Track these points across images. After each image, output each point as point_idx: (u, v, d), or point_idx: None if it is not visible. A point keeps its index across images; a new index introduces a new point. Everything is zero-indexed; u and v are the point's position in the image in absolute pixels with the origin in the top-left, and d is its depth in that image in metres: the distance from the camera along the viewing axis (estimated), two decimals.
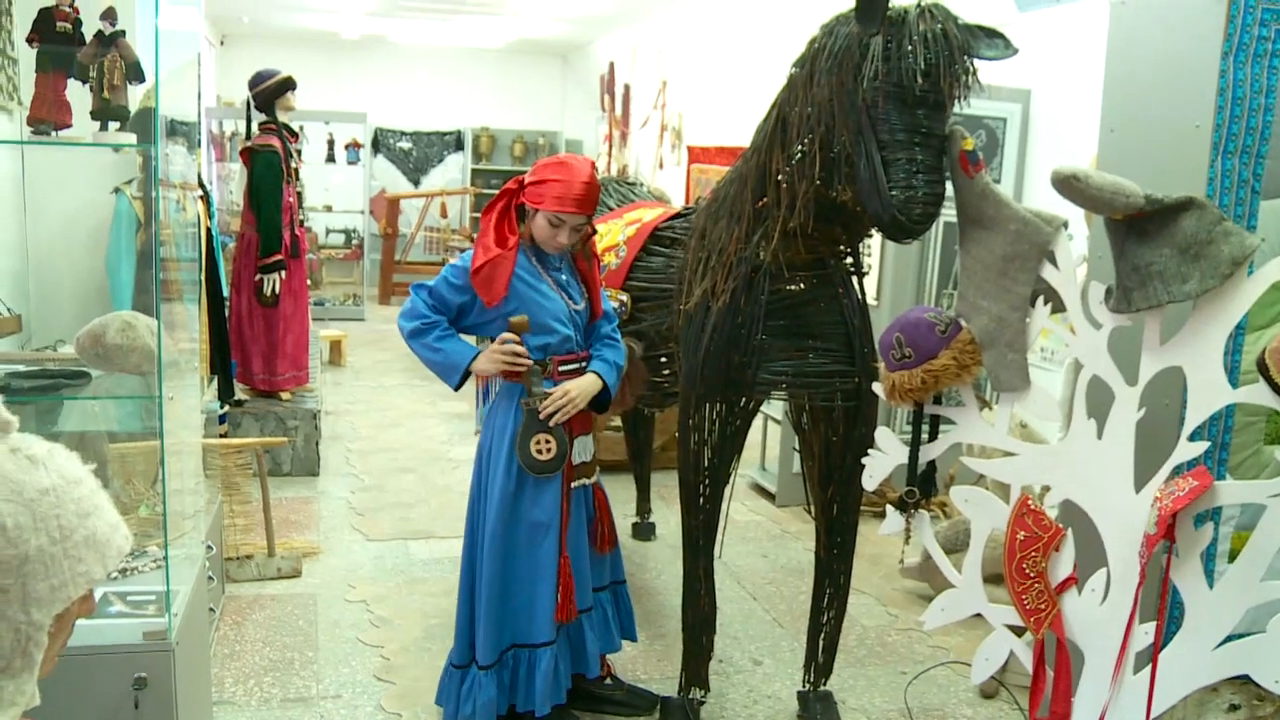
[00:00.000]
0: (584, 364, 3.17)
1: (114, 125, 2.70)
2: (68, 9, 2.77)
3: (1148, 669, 2.20)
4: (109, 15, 2.70)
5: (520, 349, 3.00)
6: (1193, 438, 2.20)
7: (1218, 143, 2.40)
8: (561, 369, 3.12)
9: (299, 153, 6.48)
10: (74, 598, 1.11)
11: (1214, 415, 2.25)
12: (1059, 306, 2.37)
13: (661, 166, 10.42)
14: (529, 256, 3.11)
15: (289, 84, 6.09)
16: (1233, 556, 2.37)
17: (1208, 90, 2.40)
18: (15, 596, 1.04)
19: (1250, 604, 2.15)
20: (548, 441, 3.03)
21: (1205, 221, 2.11)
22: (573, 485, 3.17)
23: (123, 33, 2.71)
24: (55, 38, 2.77)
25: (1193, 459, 2.21)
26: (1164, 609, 2.25)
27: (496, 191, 3.15)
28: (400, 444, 6.57)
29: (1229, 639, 2.18)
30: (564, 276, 3.17)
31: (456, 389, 3.16)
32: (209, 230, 5.02)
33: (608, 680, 3.50)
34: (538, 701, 3.12)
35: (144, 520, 3.15)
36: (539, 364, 3.06)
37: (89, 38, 2.73)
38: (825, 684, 3.49)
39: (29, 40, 2.79)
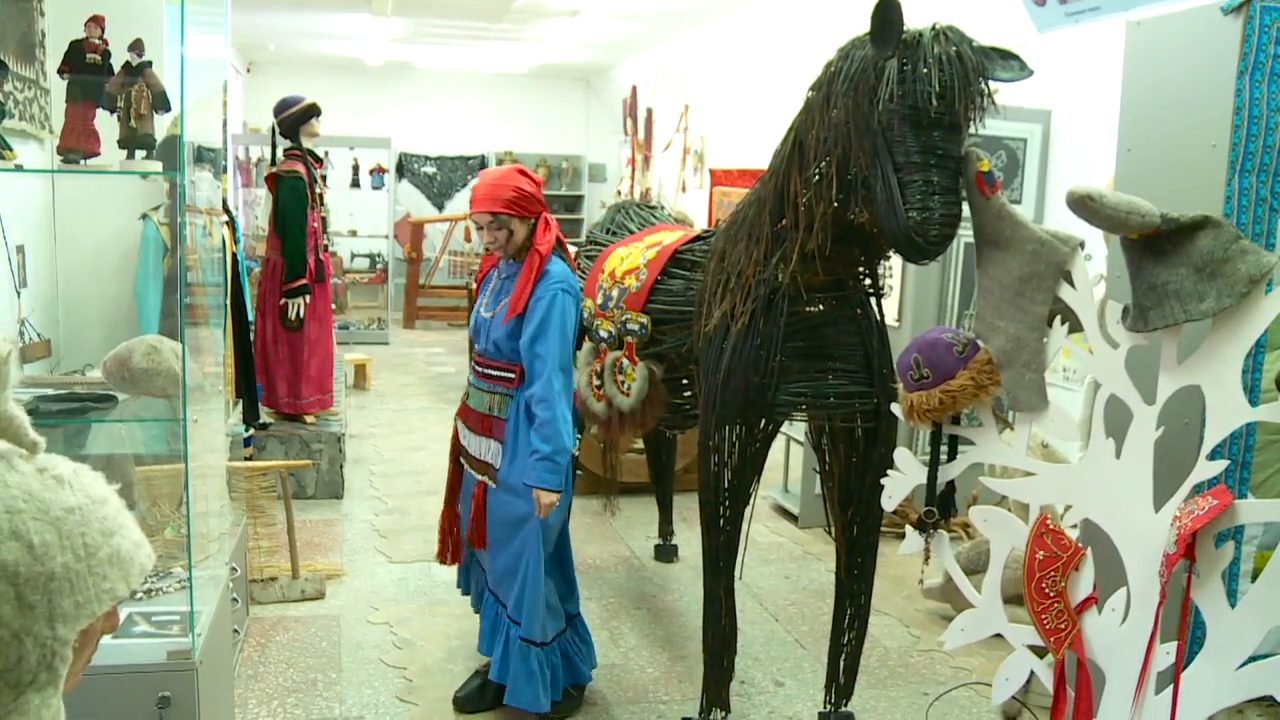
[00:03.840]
0: (501, 374, 3.37)
1: (140, 153, 2.75)
2: (97, 41, 2.82)
3: (1169, 689, 2.19)
4: (136, 46, 2.75)
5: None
6: (1212, 456, 2.19)
7: (1234, 161, 2.40)
8: (472, 363, 3.54)
9: (324, 178, 6.55)
10: (98, 614, 1.12)
11: (1234, 434, 2.24)
12: (1076, 326, 2.37)
13: (684, 189, 10.46)
14: (500, 264, 3.50)
15: (314, 110, 6.16)
16: (1255, 576, 2.35)
17: (1224, 109, 2.40)
18: (41, 612, 1.06)
19: (1274, 624, 2.13)
20: None
21: (1222, 240, 2.11)
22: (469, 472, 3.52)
23: (149, 63, 2.76)
24: (85, 68, 2.82)
25: (1213, 478, 2.20)
26: (1185, 629, 2.23)
27: None
28: (424, 467, 6.60)
29: (1252, 659, 2.16)
30: (500, 285, 3.43)
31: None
32: (234, 255, 5.08)
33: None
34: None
35: (169, 542, 3.18)
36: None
37: (117, 68, 2.79)
38: (847, 705, 3.48)
39: (60, 72, 2.85)
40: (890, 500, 2.68)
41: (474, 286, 3.60)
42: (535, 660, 3.36)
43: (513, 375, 3.32)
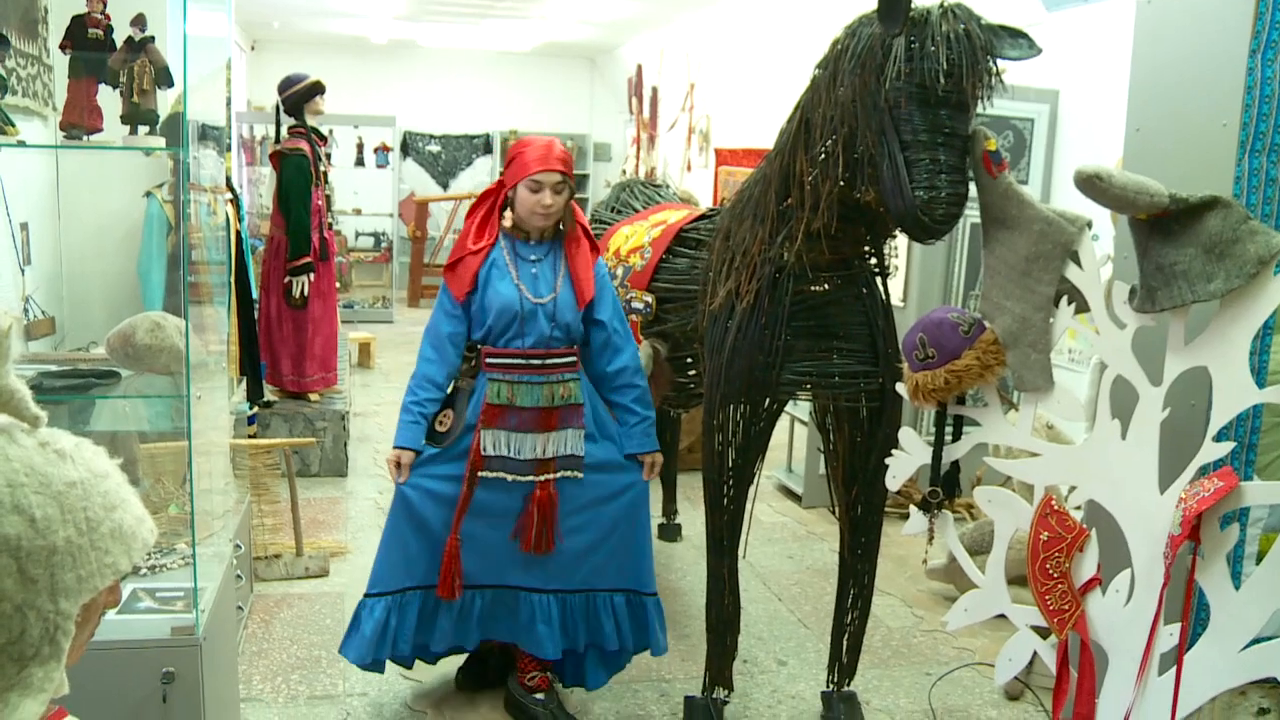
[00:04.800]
0: (565, 360, 3.22)
1: (143, 129, 2.74)
2: (99, 16, 2.81)
3: (1172, 671, 2.19)
4: (138, 21, 2.74)
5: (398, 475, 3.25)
6: (1218, 438, 2.18)
7: (1245, 141, 2.38)
8: (500, 361, 3.19)
9: (328, 156, 6.54)
10: (100, 588, 1.13)
11: (1240, 415, 2.24)
12: (1083, 306, 2.35)
13: (689, 169, 10.43)
14: (505, 250, 3.22)
15: (318, 88, 6.15)
16: (1260, 558, 2.35)
17: (1235, 88, 2.38)
18: (44, 586, 1.07)
19: (1278, 606, 2.13)
20: (447, 416, 3.29)
21: (1231, 220, 2.09)
22: (485, 475, 3.20)
23: (152, 38, 2.75)
24: (87, 44, 2.81)
25: (1218, 459, 2.19)
26: (1189, 610, 2.23)
27: None
28: None
29: (1256, 641, 2.16)
30: (535, 270, 3.20)
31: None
32: (239, 233, 5.08)
33: (538, 694, 3.42)
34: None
35: (173, 519, 3.18)
36: (469, 350, 3.27)
37: (119, 44, 2.77)
38: (849, 685, 3.48)
39: (62, 47, 2.84)
40: (894, 480, 2.68)
41: (466, 278, 3.18)
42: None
43: (575, 357, 3.24)
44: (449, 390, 3.30)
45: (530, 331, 3.16)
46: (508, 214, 3.24)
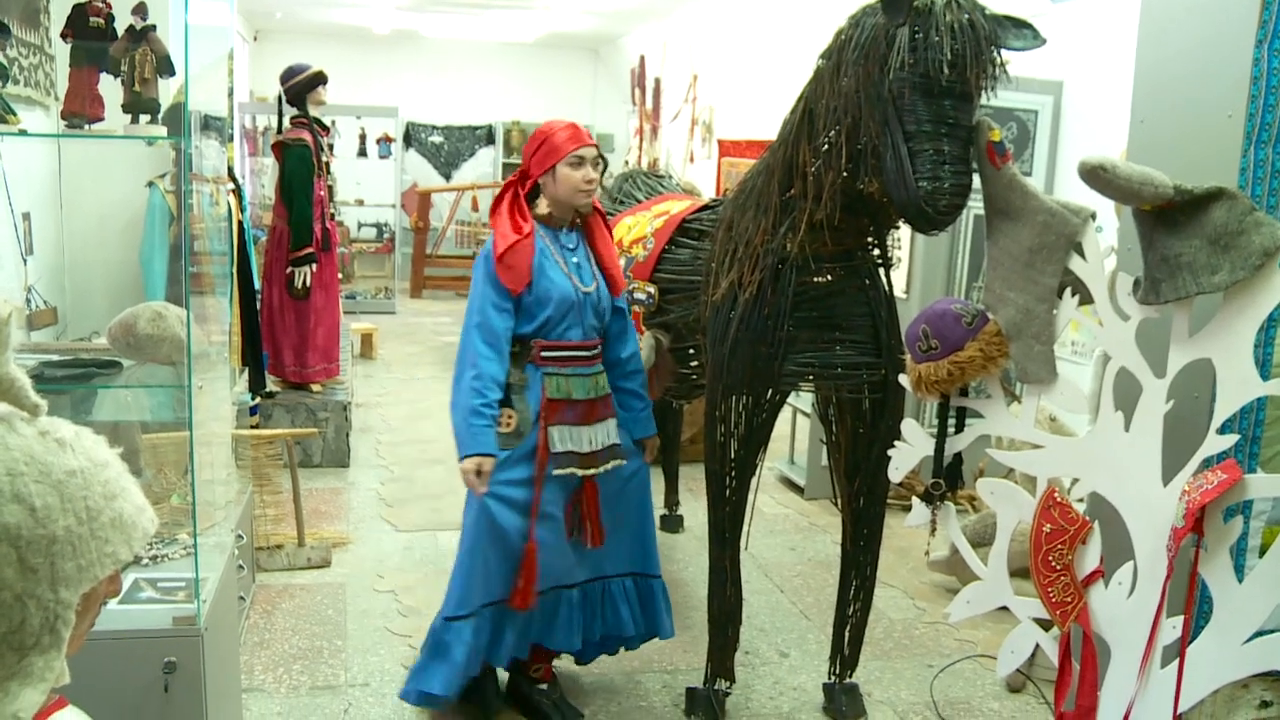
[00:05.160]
0: (597, 350, 3.20)
1: (145, 119, 2.73)
2: (100, 4, 2.79)
3: (1175, 663, 2.18)
4: (139, 10, 2.73)
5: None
6: (1222, 430, 2.18)
7: (1250, 132, 2.36)
8: (555, 354, 3.13)
9: (330, 147, 6.53)
10: (101, 578, 1.12)
11: (1244, 408, 2.23)
12: (1087, 298, 2.35)
13: (692, 160, 10.41)
14: (544, 239, 3.14)
15: (320, 78, 6.14)
16: (1263, 551, 2.34)
17: (1240, 79, 2.37)
18: (44, 575, 1.06)
19: None
20: (510, 416, 3.10)
21: (1236, 212, 2.09)
22: (555, 472, 3.12)
23: (153, 27, 2.74)
24: (88, 33, 2.80)
25: (1222, 452, 2.18)
26: (1192, 603, 2.22)
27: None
28: (430, 435, 6.60)
29: (1259, 634, 2.15)
30: (576, 259, 3.18)
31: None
32: (241, 224, 5.07)
33: (542, 685, 3.40)
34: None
35: (175, 509, 3.18)
36: (520, 343, 3.12)
37: (121, 32, 2.76)
38: (851, 676, 3.49)
39: (63, 35, 2.83)
40: (897, 472, 2.67)
41: (523, 270, 3.05)
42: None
43: (591, 350, 3.22)
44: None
45: (580, 322, 3.15)
46: (540, 203, 3.16)
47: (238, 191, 4.95)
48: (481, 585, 3.11)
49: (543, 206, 3.15)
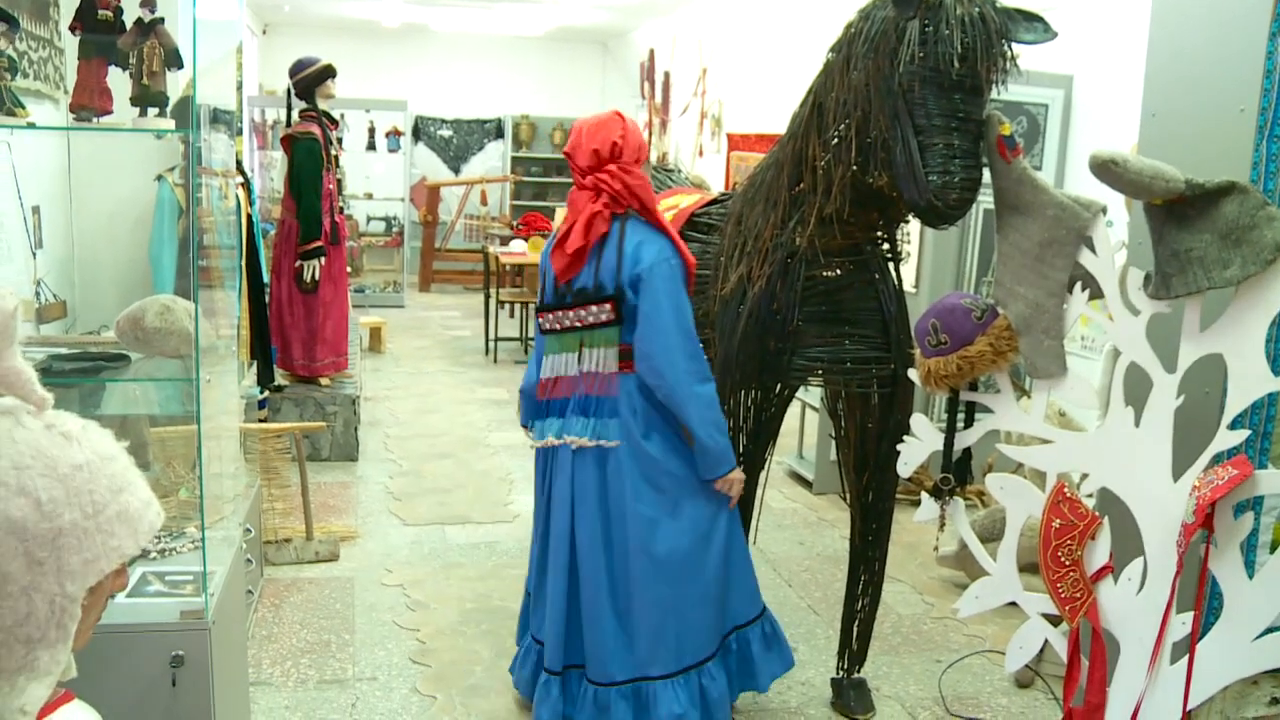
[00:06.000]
0: None
1: (153, 111, 2.73)
2: None
3: (1185, 660, 2.17)
4: (148, 3, 2.72)
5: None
6: (1233, 426, 2.16)
7: (1263, 126, 2.35)
8: None
9: (339, 140, 6.53)
10: (106, 571, 1.12)
11: (1255, 403, 2.22)
12: (1097, 293, 2.33)
13: (701, 154, 10.40)
14: None
15: (329, 72, 6.14)
16: (1274, 547, 2.33)
17: (1253, 73, 2.35)
18: (50, 569, 1.06)
19: None
20: None
21: (1248, 206, 2.07)
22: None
23: (162, 20, 2.73)
24: (97, 25, 2.79)
25: (1233, 447, 2.17)
26: (1202, 599, 2.21)
27: (537, 180, 3.14)
28: (438, 430, 6.61)
29: (1269, 630, 2.14)
30: None
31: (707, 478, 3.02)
32: (250, 217, 5.07)
33: None
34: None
35: (183, 502, 3.18)
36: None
37: (129, 25, 2.76)
38: (859, 671, 3.48)
39: (72, 28, 2.82)
40: (906, 467, 2.67)
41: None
42: None
43: None
44: None
45: None
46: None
47: (246, 185, 4.96)
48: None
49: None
